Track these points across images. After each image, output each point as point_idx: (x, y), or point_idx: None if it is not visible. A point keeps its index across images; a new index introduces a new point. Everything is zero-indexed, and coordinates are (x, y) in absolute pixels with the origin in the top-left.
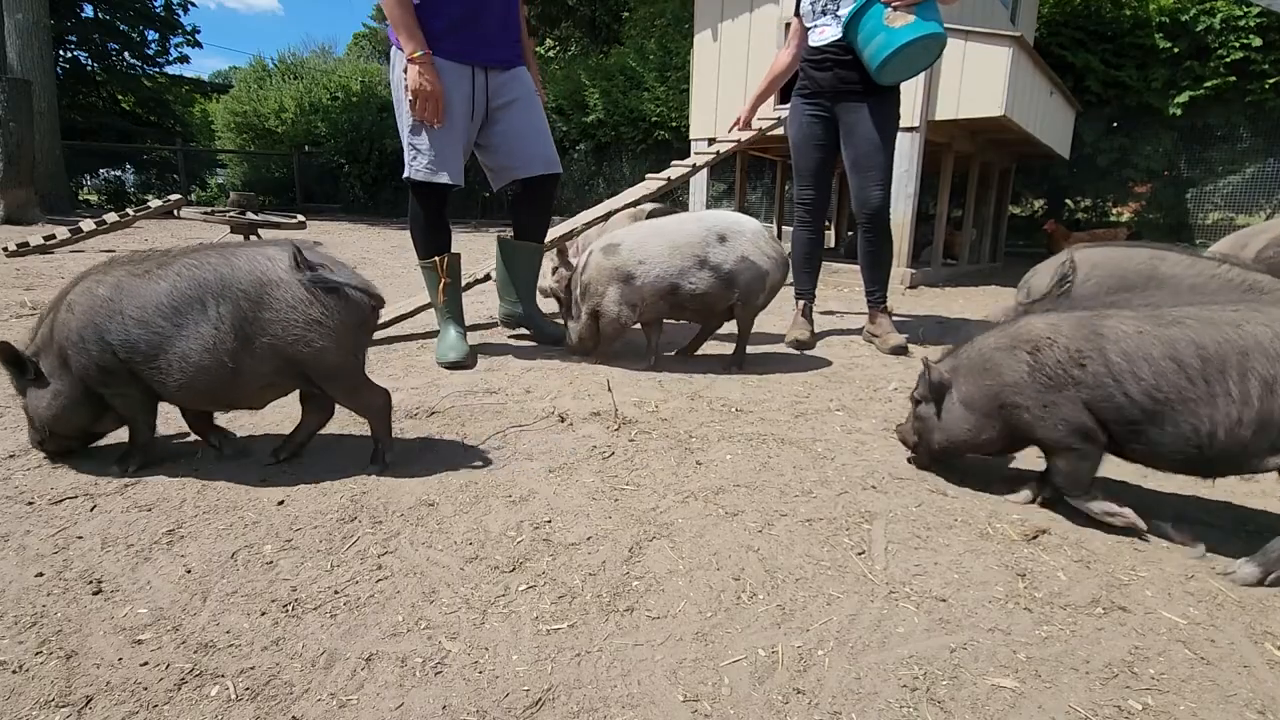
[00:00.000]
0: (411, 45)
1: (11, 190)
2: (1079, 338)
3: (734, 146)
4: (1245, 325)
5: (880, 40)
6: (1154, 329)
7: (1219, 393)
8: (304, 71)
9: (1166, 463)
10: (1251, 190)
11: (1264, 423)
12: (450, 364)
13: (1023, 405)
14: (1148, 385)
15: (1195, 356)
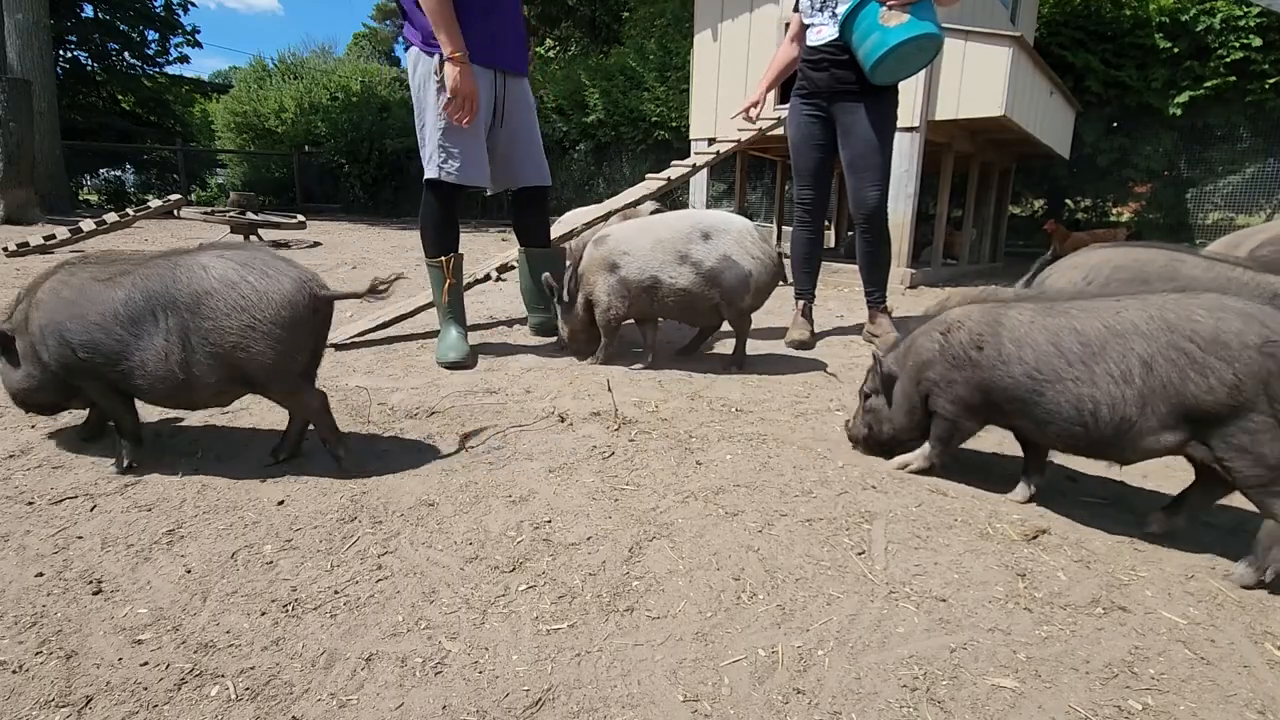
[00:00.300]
0: (453, 44)
1: (11, 190)
2: (982, 324)
3: (734, 146)
4: (1123, 311)
5: (875, 39)
6: (1042, 318)
7: (1099, 374)
8: (304, 71)
9: (1058, 440)
10: (1251, 190)
11: (1146, 399)
12: (450, 364)
13: (931, 379)
14: (1029, 368)
15: (1075, 342)
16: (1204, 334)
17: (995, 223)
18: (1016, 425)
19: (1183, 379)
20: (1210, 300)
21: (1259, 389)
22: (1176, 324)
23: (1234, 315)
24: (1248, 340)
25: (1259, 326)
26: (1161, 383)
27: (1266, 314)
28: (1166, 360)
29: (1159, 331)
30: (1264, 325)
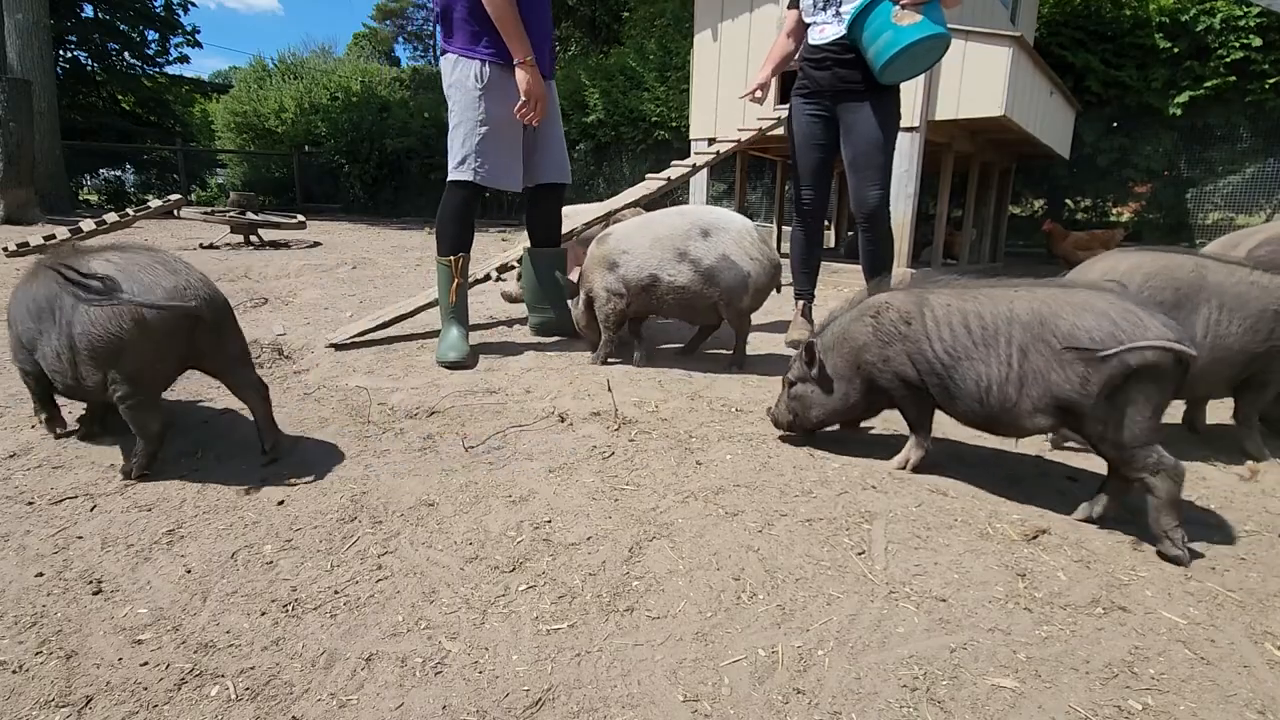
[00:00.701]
0: (523, 49)
1: (11, 190)
2: (908, 303)
3: (734, 146)
4: (1015, 301)
5: (887, 38)
6: (957, 302)
7: (992, 356)
8: (304, 71)
9: (964, 414)
10: (1251, 190)
11: (1024, 382)
12: (450, 363)
13: (871, 361)
14: (947, 344)
15: (978, 325)
16: (1063, 330)
17: (995, 223)
18: (939, 402)
19: (1048, 369)
20: (1078, 297)
21: (1108, 381)
22: (1046, 318)
23: (1091, 315)
24: (1097, 338)
25: (1110, 326)
26: (1034, 370)
27: (1122, 313)
28: (1036, 351)
29: (1034, 323)
30: (1115, 325)
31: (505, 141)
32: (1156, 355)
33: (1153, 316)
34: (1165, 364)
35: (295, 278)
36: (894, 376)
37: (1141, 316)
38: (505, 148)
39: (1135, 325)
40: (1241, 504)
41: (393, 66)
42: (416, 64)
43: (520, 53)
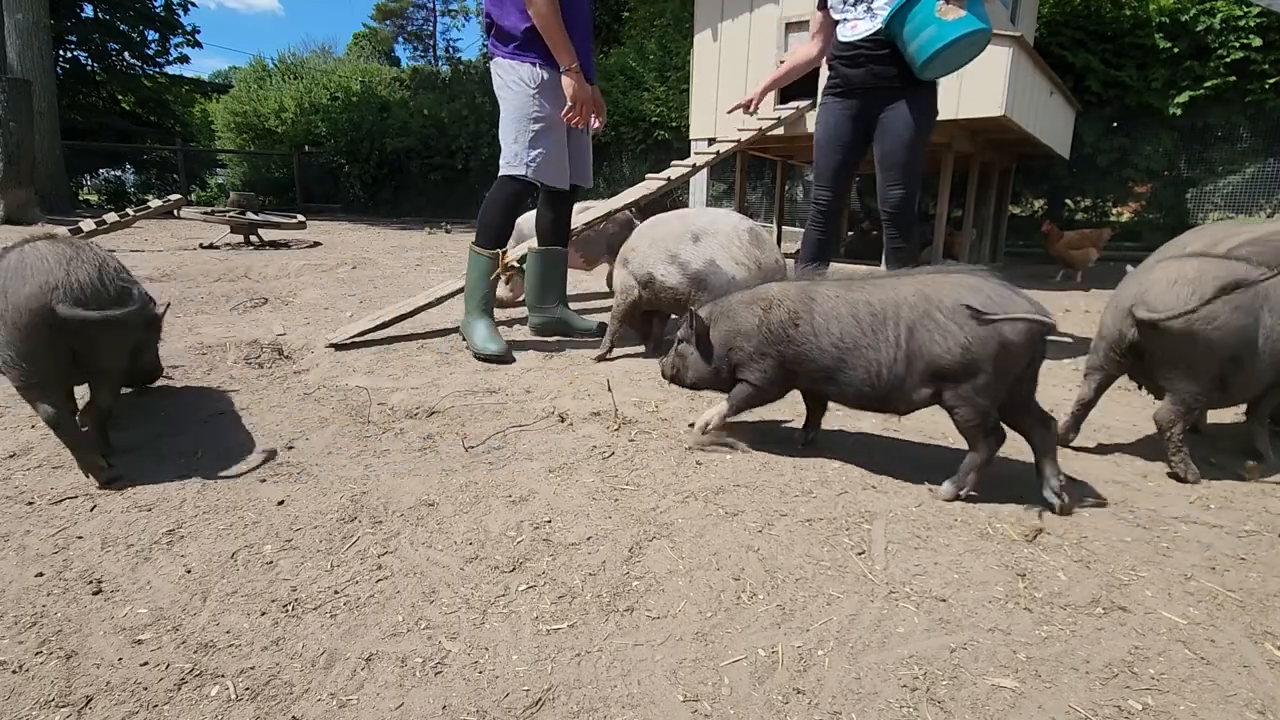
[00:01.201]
0: (570, 57)
1: (11, 190)
2: (798, 303)
3: (734, 146)
4: (899, 286)
5: (931, 33)
6: (845, 294)
7: (882, 340)
8: (304, 71)
9: (854, 399)
10: (1251, 190)
11: (911, 359)
12: (491, 356)
13: (745, 349)
14: (835, 339)
15: (867, 313)
16: (948, 306)
17: (995, 223)
18: (818, 389)
19: (931, 342)
20: (956, 278)
21: (981, 350)
22: (930, 297)
23: (969, 291)
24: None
25: (987, 300)
26: (919, 345)
27: (995, 290)
28: (922, 327)
29: (920, 302)
30: (991, 299)
31: (555, 140)
32: (1028, 326)
33: (1019, 295)
34: (1034, 335)
35: (295, 278)
36: (765, 372)
37: (1011, 294)
38: (556, 146)
39: (1008, 300)
40: (1241, 504)
41: (393, 66)
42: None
43: (565, 60)
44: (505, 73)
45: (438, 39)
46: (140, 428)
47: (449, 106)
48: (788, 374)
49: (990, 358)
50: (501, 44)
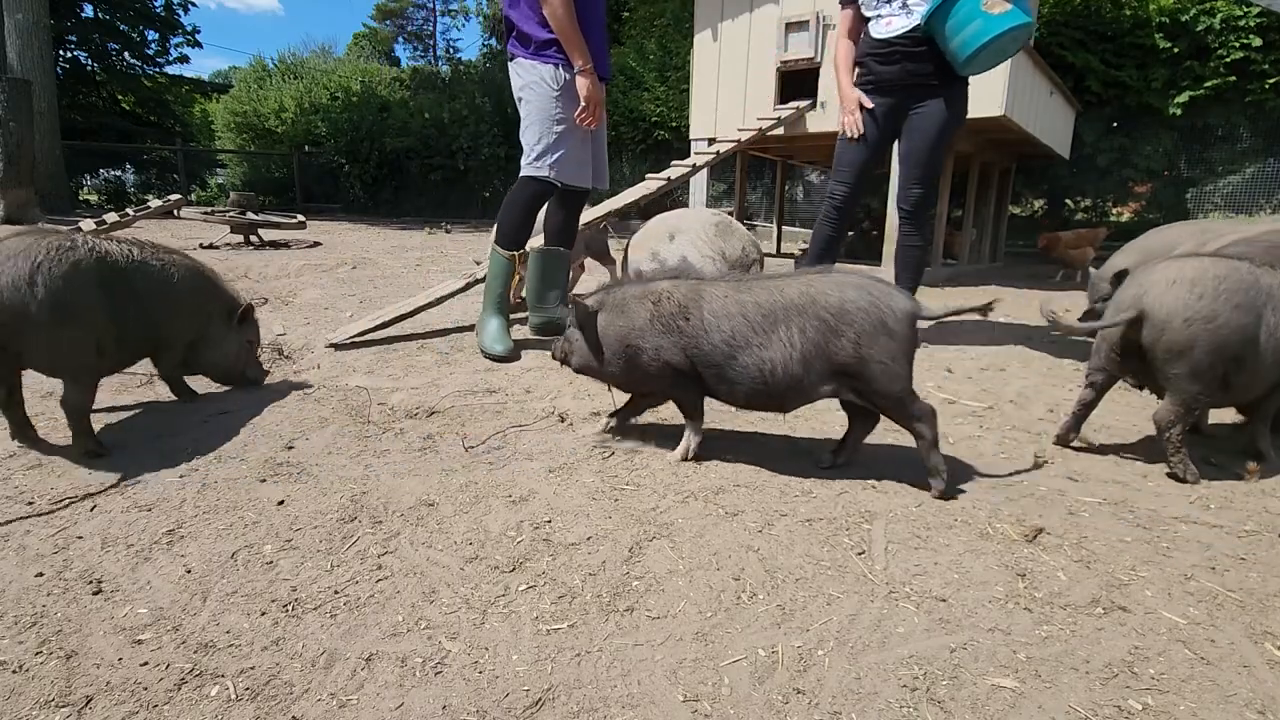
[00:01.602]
0: (584, 58)
1: (11, 190)
2: (688, 296)
3: (734, 146)
4: (786, 288)
5: (976, 27)
6: (735, 294)
7: (774, 340)
8: (304, 71)
9: (745, 399)
10: (1251, 190)
11: (806, 359)
12: (497, 356)
13: (640, 346)
14: (726, 335)
15: (756, 313)
16: (833, 305)
17: (995, 223)
18: (711, 388)
19: (825, 341)
20: (837, 278)
21: (874, 339)
22: (815, 297)
23: (852, 288)
24: (861, 306)
25: (868, 296)
26: (814, 344)
27: (873, 287)
28: (813, 327)
29: (806, 303)
30: (871, 294)
31: (578, 141)
32: (908, 317)
33: (898, 290)
34: (914, 318)
35: (295, 278)
36: (664, 365)
37: (889, 289)
38: (578, 146)
39: (886, 296)
40: (1241, 504)
41: (393, 66)
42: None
43: (580, 61)
44: (526, 73)
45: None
46: (140, 428)
47: (449, 106)
48: (690, 368)
49: (883, 346)
50: (523, 45)
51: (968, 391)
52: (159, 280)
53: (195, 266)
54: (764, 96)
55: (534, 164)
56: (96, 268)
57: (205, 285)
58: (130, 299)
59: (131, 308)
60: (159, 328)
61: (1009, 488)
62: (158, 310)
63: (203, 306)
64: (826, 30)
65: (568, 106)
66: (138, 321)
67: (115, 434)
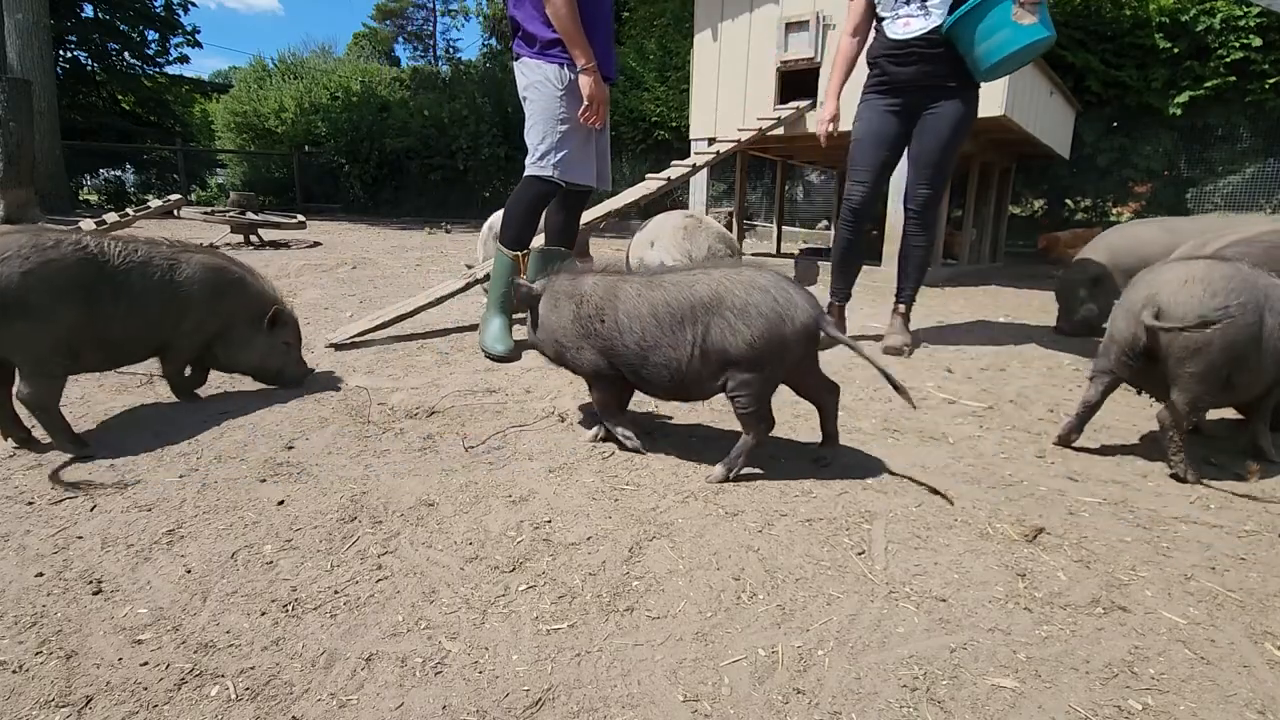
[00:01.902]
0: (586, 56)
1: (11, 190)
2: (605, 298)
3: (734, 146)
4: (695, 285)
5: (1005, 36)
6: (646, 292)
7: (680, 338)
8: (304, 71)
9: (660, 391)
10: (1251, 190)
11: (706, 355)
12: (498, 357)
13: (567, 346)
14: (637, 337)
15: (666, 313)
16: (737, 306)
17: (995, 223)
18: (633, 383)
19: (724, 340)
20: (745, 276)
21: (765, 347)
22: (722, 296)
23: (757, 291)
24: (763, 310)
25: (773, 302)
26: (714, 343)
27: (778, 288)
28: (716, 326)
29: (713, 303)
30: (775, 300)
31: (582, 140)
32: (805, 322)
33: (798, 290)
34: (811, 330)
35: (295, 278)
36: (587, 364)
37: (791, 291)
38: (582, 145)
39: (788, 298)
40: (1241, 504)
41: (393, 66)
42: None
43: (582, 59)
44: (531, 73)
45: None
46: (140, 428)
47: (449, 106)
48: (609, 365)
49: (773, 352)
50: (528, 45)
51: (968, 391)
52: (161, 281)
53: (218, 267)
54: (764, 96)
55: (538, 163)
56: (75, 267)
57: (225, 286)
58: (119, 299)
59: (120, 307)
60: (158, 328)
61: (1009, 488)
62: (156, 311)
63: (218, 308)
64: (826, 30)
65: (572, 106)
66: (129, 321)
67: (115, 434)
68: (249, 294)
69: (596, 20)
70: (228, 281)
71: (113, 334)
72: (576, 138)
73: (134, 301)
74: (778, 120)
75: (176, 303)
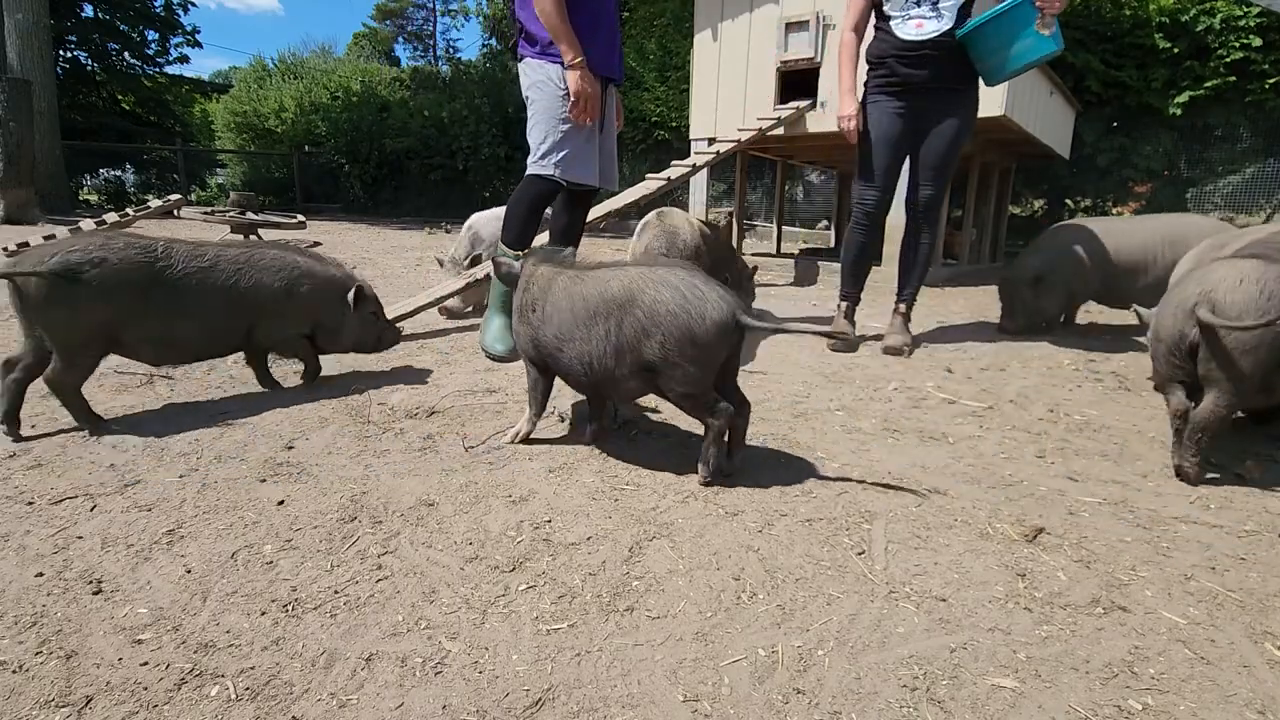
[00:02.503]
0: (573, 52)
1: (11, 190)
2: (539, 288)
3: (734, 146)
4: (612, 282)
5: (1025, 45)
6: (571, 285)
7: (594, 334)
8: (304, 71)
9: (576, 384)
10: (1251, 190)
11: (619, 353)
12: (498, 357)
13: (519, 330)
14: (555, 329)
15: (583, 308)
16: (646, 305)
17: (995, 223)
18: (556, 371)
19: (637, 339)
20: (659, 274)
21: (678, 345)
22: (634, 294)
23: (667, 289)
24: (671, 310)
25: (682, 301)
26: (627, 341)
27: (689, 287)
28: (627, 325)
29: (626, 300)
30: (684, 298)
31: (584, 139)
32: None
33: (711, 288)
34: (727, 328)
35: None
36: (525, 348)
37: (703, 288)
38: (584, 145)
39: (699, 295)
40: (1241, 504)
41: (393, 66)
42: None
43: (567, 55)
44: (534, 72)
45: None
46: (140, 428)
47: (449, 106)
48: (538, 355)
49: (684, 350)
50: (530, 45)
51: (968, 391)
52: (226, 285)
53: (286, 265)
54: (764, 96)
55: (539, 162)
56: (131, 270)
57: (295, 283)
58: (179, 300)
59: (181, 309)
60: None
61: (1009, 488)
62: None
63: (294, 305)
64: (826, 30)
65: (563, 107)
66: (193, 322)
67: (115, 434)
68: (323, 283)
69: (598, 19)
70: (297, 278)
71: (176, 333)
72: (578, 137)
73: (197, 304)
74: (778, 120)
75: (245, 304)
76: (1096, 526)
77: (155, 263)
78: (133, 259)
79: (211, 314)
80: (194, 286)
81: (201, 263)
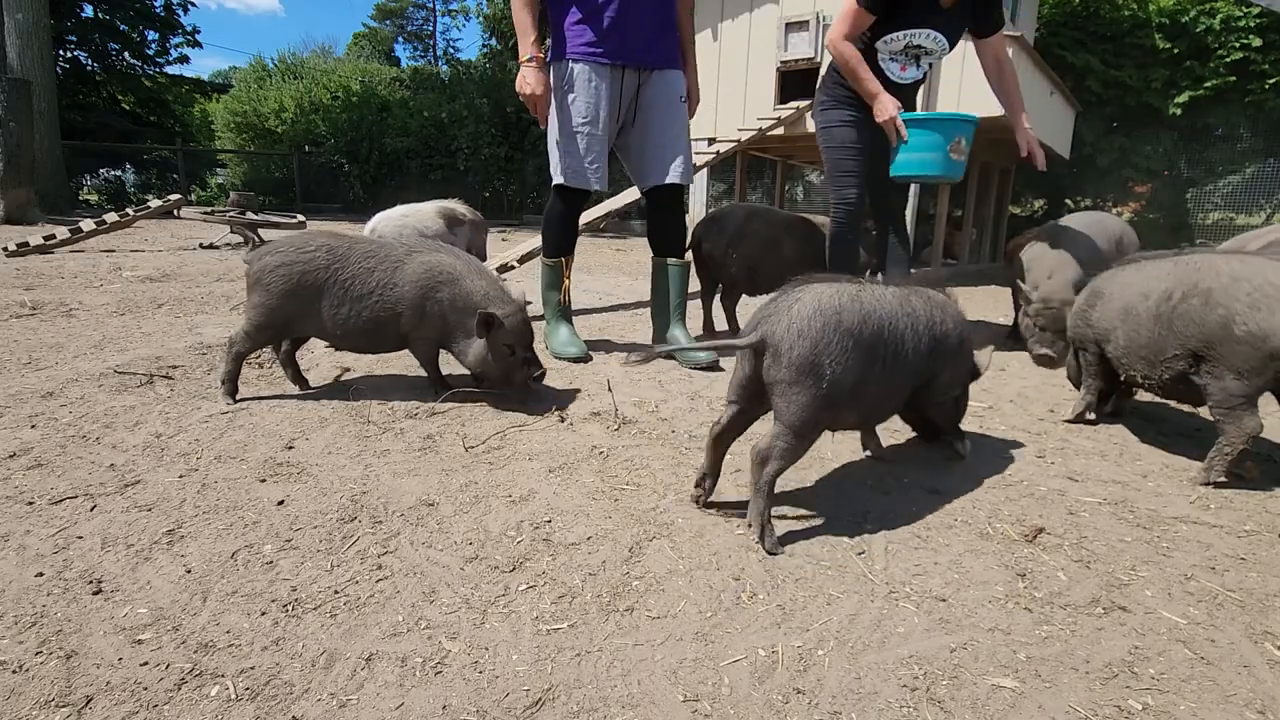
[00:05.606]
0: (521, 49)
1: (11, 190)
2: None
3: (734, 146)
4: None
5: (936, 158)
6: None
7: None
8: (304, 71)
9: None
10: (1251, 190)
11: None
12: (571, 359)
13: None
14: None
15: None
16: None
17: (995, 223)
18: None
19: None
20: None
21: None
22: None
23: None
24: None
25: (485, 286)
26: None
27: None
28: None
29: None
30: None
31: (580, 140)
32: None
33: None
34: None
35: None
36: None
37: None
38: (580, 147)
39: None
40: (1241, 504)
41: (393, 66)
42: (416, 64)
43: (522, 51)
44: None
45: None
46: (140, 428)
47: (449, 106)
48: None
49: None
50: None
51: None
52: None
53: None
54: (764, 96)
55: (554, 171)
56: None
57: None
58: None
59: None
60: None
61: (1009, 488)
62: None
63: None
64: (826, 30)
65: (565, 106)
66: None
67: (114, 434)
68: (457, 294)
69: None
70: (437, 282)
71: (349, 326)
72: (572, 140)
73: (359, 300)
74: (778, 120)
75: (395, 301)
76: (1096, 526)
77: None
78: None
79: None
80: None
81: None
